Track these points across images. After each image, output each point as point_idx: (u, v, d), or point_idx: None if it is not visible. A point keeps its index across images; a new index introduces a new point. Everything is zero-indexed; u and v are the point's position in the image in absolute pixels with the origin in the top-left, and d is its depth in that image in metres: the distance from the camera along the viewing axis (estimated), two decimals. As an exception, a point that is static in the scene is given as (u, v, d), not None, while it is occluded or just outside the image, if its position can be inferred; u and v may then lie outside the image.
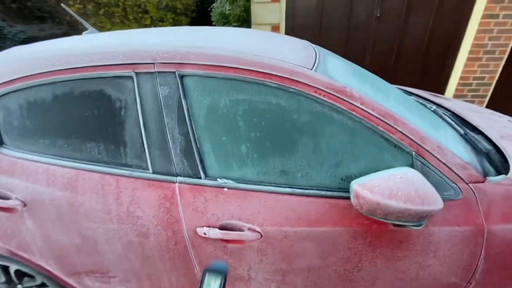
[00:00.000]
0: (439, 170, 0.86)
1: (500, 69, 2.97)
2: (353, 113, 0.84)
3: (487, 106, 3.18)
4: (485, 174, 0.94)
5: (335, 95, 0.84)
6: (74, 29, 5.94)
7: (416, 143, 0.85)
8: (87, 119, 0.92)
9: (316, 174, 0.90)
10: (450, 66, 3.13)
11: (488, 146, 1.12)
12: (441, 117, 1.37)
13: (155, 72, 0.87)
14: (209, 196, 0.91)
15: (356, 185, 0.78)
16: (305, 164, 0.89)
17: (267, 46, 1.03)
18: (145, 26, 4.87)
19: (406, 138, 0.85)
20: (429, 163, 0.86)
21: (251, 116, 0.88)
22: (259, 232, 0.90)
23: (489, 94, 3.16)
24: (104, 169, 0.94)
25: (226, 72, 0.84)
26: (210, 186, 0.91)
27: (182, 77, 0.87)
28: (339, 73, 0.99)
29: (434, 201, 0.74)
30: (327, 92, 0.84)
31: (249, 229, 0.90)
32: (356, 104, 0.84)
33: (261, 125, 0.88)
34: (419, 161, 0.86)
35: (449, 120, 1.33)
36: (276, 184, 0.91)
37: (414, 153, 0.85)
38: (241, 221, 0.90)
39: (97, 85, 0.90)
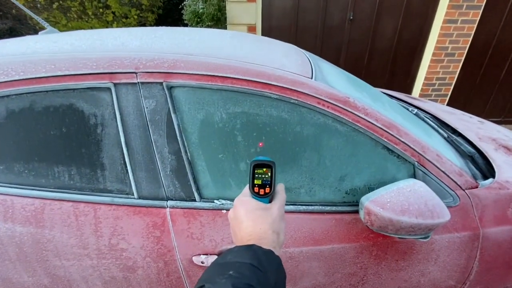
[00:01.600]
0: (438, 179, 0.87)
1: (458, 70, 3.23)
2: (358, 124, 0.81)
3: (448, 105, 3.45)
4: (474, 178, 0.97)
5: (339, 106, 0.80)
6: (22, 24, 5.27)
7: (418, 153, 0.84)
8: (54, 139, 0.77)
9: (320, 189, 0.85)
10: (416, 67, 3.33)
11: (471, 149, 1.17)
12: (423, 120, 1.41)
13: (138, 82, 0.75)
14: (206, 220, 0.81)
15: (368, 202, 0.75)
16: (308, 179, 0.84)
17: (259, 52, 0.96)
18: (107, 23, 4.48)
19: (409, 149, 0.83)
20: (430, 172, 0.86)
21: (250, 130, 0.80)
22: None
23: (449, 93, 3.43)
24: (77, 196, 0.80)
25: (222, 82, 0.75)
26: (207, 209, 0.82)
27: (170, 88, 0.76)
28: (336, 81, 0.95)
29: (442, 214, 0.73)
30: (330, 103, 0.79)
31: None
32: (360, 115, 0.80)
33: (261, 140, 0.81)
34: (421, 170, 0.85)
35: (432, 123, 1.38)
36: (279, 202, 0.84)
37: (416, 163, 0.84)
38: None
39: (64, 99, 0.76)
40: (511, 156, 1.18)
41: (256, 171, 0.50)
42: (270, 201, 0.50)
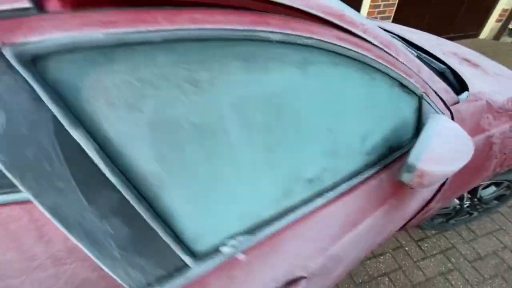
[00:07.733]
0: (433, 101, 0.78)
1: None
2: (377, 59, 0.56)
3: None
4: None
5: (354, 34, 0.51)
6: None
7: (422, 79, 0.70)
8: None
9: (343, 162, 0.62)
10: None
11: (441, 65, 1.15)
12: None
13: None
14: (218, 283, 0.47)
15: (421, 163, 0.57)
16: (331, 155, 0.59)
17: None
18: None
19: (415, 76, 0.67)
20: (428, 97, 0.75)
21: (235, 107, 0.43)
22: (304, 277, 0.59)
23: (392, 15, 3.56)
24: None
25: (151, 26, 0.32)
26: (209, 270, 0.47)
27: (28, 60, 0.28)
28: None
29: (471, 148, 0.65)
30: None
31: (288, 283, 0.57)
32: (370, 39, 0.55)
33: (249, 121, 0.46)
34: (426, 101, 0.73)
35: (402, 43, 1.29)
36: (305, 202, 0.58)
37: (424, 93, 0.71)
38: (278, 281, 0.55)
39: None
40: (473, 68, 1.24)
41: None
42: None
